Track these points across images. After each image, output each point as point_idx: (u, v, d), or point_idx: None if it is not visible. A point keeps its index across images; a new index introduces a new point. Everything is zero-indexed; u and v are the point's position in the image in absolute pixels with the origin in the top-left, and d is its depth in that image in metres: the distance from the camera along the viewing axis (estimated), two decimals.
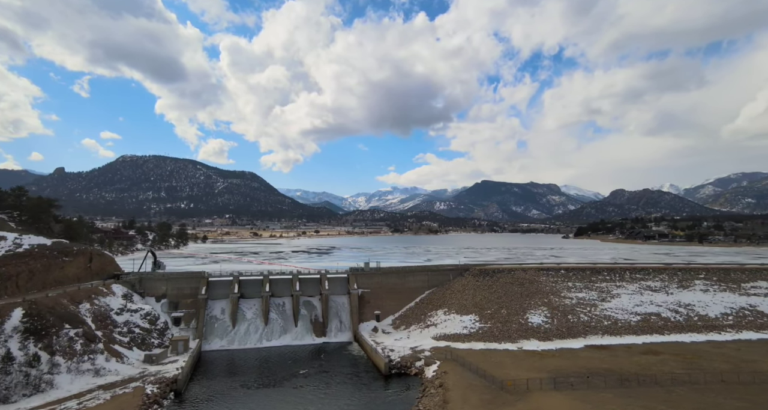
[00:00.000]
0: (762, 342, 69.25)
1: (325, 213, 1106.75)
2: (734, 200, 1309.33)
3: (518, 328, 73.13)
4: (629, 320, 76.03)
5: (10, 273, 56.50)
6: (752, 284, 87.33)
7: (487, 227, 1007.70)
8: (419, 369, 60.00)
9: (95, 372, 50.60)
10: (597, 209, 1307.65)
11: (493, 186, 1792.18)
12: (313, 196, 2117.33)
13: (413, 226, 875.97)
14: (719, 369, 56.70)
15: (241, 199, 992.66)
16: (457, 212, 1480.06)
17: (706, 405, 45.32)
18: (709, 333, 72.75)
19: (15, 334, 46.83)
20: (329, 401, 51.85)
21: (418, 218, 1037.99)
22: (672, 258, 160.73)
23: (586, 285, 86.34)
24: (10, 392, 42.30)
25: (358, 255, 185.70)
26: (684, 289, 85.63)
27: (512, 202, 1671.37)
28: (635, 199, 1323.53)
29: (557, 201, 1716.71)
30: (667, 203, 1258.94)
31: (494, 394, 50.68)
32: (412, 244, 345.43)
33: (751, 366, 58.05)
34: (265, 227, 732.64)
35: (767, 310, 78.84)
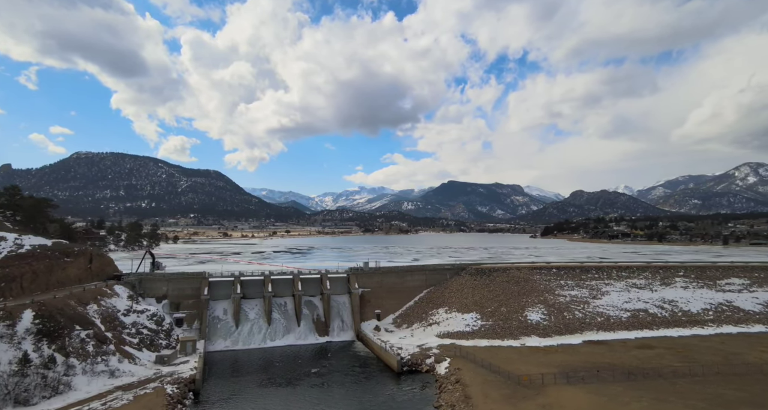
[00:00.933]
0: (742, 335, 74.22)
1: (293, 213, 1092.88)
2: (682, 201, 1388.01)
3: (518, 325, 75.29)
4: (620, 316, 79.67)
5: (14, 275, 55.04)
6: (726, 281, 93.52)
7: (455, 227, 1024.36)
8: (430, 366, 61.27)
9: (110, 373, 50.18)
10: (558, 210, 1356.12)
11: (460, 187, 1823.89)
12: (279, 195, 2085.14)
13: (383, 226, 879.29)
14: (712, 361, 60.39)
15: (206, 198, 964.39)
16: (425, 212, 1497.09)
17: (710, 396, 48.26)
18: (693, 327, 77.25)
19: (28, 336, 45.92)
20: (350, 398, 52.52)
21: (387, 218, 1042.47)
22: (642, 256, 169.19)
23: (578, 283, 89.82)
24: (30, 394, 41.75)
25: (342, 255, 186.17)
26: (666, 286, 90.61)
27: (478, 202, 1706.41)
28: (593, 199, 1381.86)
29: (521, 201, 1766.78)
30: (623, 203, 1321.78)
31: (512, 389, 52.20)
32: (388, 244, 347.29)
33: (738, 358, 62.21)
34: (233, 227, 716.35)
35: (742, 305, 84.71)
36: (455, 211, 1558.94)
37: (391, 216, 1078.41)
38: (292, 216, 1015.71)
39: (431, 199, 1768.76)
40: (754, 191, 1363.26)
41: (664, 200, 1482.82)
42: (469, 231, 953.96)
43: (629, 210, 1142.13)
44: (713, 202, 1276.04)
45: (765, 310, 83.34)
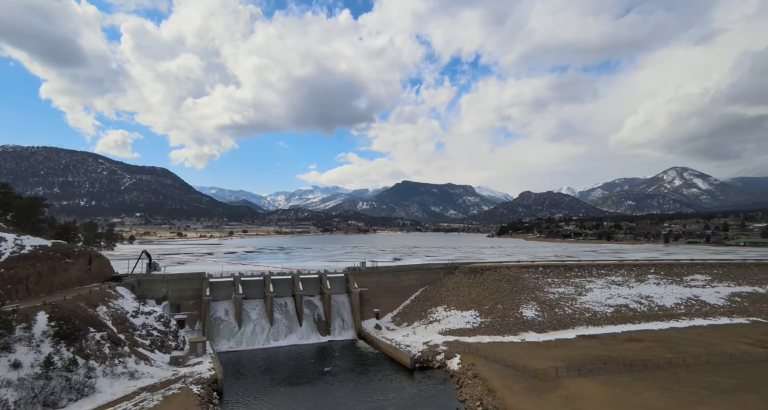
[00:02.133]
0: (712, 327, 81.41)
1: (247, 212, 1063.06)
2: (618, 202, 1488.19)
3: (515, 322, 78.61)
4: (605, 311, 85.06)
5: (19, 276, 53.02)
6: (691, 277, 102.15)
7: (411, 226, 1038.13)
8: (441, 363, 63.28)
9: (130, 375, 49.54)
10: (508, 210, 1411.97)
11: (414, 187, 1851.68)
12: (229, 194, 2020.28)
13: (341, 226, 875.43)
14: (696, 352, 65.96)
15: (152, 196, 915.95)
16: (380, 212, 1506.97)
17: (709, 384, 52.97)
18: (670, 321, 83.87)
19: (46, 338, 44.95)
20: (375, 395, 53.62)
21: (343, 217, 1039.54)
22: (602, 255, 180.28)
23: (563, 281, 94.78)
24: (56, 397, 40.96)
25: (319, 255, 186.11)
26: (641, 283, 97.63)
27: (431, 202, 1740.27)
28: (540, 200, 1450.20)
29: (472, 202, 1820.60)
30: (567, 204, 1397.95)
31: (531, 382, 54.86)
32: (354, 243, 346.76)
33: (717, 348, 68.28)
34: (185, 226, 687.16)
35: (708, 299, 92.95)
36: (409, 211, 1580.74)
37: (347, 216, 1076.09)
38: (245, 216, 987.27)
39: (386, 199, 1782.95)
40: (680, 194, 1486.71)
41: (603, 201, 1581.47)
42: (424, 231, 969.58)
43: (572, 210, 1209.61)
44: (645, 203, 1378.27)
45: (727, 304, 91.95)
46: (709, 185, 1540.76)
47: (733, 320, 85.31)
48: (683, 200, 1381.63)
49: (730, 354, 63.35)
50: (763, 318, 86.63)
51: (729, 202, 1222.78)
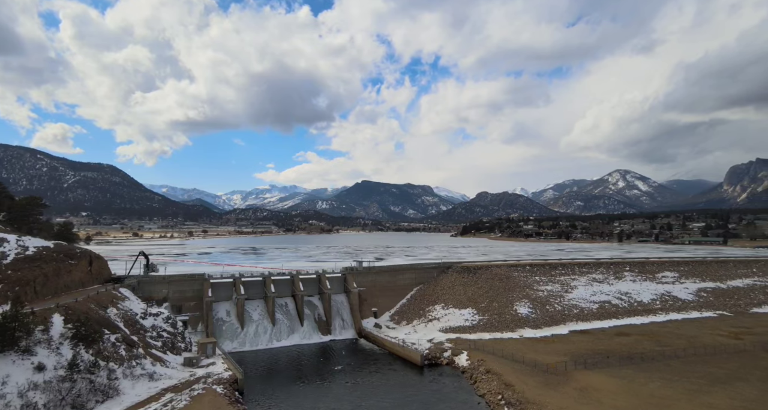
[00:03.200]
0: (687, 321, 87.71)
1: (203, 212, 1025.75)
2: (568, 202, 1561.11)
3: (511, 319, 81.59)
4: (591, 307, 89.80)
5: (27, 278, 51.38)
6: (662, 274, 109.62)
7: (373, 226, 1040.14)
8: (449, 359, 65.29)
9: (149, 376, 49.10)
10: (466, 210, 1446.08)
11: (373, 186, 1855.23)
12: (182, 193, 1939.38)
13: (302, 225, 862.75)
14: (680, 344, 70.99)
15: (99, 195, 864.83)
16: (339, 211, 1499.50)
17: (703, 374, 57.46)
18: (649, 315, 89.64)
19: (65, 341, 44.30)
20: (394, 392, 54.84)
21: (304, 217, 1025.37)
22: (569, 253, 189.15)
23: (550, 279, 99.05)
24: (83, 399, 40.65)
25: (297, 255, 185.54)
26: (619, 280, 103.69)
27: (390, 202, 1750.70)
28: (497, 200, 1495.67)
29: (431, 202, 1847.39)
30: (521, 204, 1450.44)
31: (543, 376, 57.54)
32: (322, 243, 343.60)
33: (697, 340, 73.75)
34: (137, 226, 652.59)
35: (679, 295, 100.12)
36: (369, 211, 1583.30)
37: (308, 216, 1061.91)
38: (201, 215, 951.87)
39: (345, 198, 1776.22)
40: (623, 195, 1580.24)
41: (554, 201, 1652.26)
42: (386, 230, 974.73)
43: (526, 210, 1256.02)
44: (592, 204, 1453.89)
45: (695, 299, 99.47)
46: (649, 187, 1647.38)
47: (702, 313, 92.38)
48: (626, 201, 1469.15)
49: (713, 346, 68.67)
50: (728, 312, 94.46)
51: (666, 203, 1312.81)
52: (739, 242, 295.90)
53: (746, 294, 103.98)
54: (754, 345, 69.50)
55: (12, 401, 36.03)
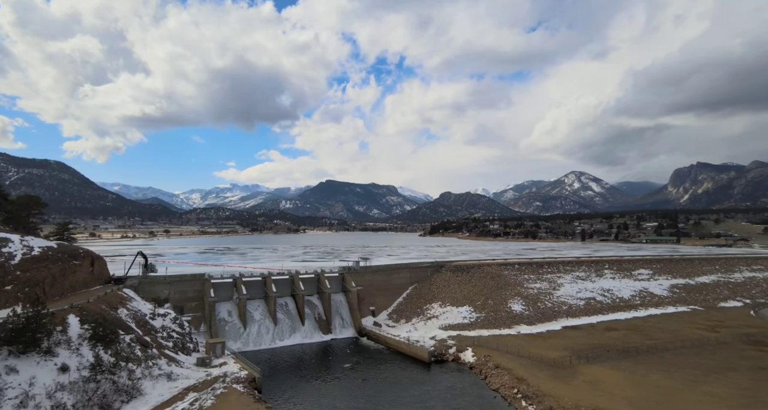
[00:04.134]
0: (665, 315, 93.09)
1: (161, 211, 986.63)
2: (528, 203, 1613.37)
3: (507, 316, 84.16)
4: (578, 304, 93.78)
5: (36, 279, 50.15)
6: (638, 272, 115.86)
7: (340, 226, 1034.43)
8: (454, 356, 67.22)
9: (167, 376, 48.81)
10: (431, 210, 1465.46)
11: (338, 186, 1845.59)
12: (136, 191, 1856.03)
13: (268, 225, 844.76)
14: (666, 338, 75.43)
15: (46, 193, 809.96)
16: (304, 211, 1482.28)
17: (695, 366, 61.42)
18: (631, 311, 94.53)
19: (83, 341, 43.83)
20: (411, 389, 56.13)
21: (268, 217, 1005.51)
22: (541, 253, 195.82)
23: (538, 277, 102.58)
24: (108, 399, 40.60)
25: (278, 255, 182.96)
26: (600, 277, 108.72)
27: (355, 202, 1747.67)
28: (460, 200, 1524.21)
29: (395, 201, 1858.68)
30: (484, 204, 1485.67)
31: (551, 370, 60.11)
32: (295, 243, 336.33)
33: (680, 334, 78.54)
34: (92, 226, 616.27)
35: (655, 291, 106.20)
36: (334, 210, 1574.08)
37: (272, 215, 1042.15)
38: (159, 215, 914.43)
39: (309, 198, 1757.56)
40: (578, 195, 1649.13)
41: (514, 201, 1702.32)
42: (352, 230, 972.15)
43: (489, 210, 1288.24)
44: (550, 204, 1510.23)
45: (669, 294, 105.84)
46: (601, 188, 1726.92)
47: (678, 308, 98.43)
48: (581, 201, 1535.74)
49: (696, 339, 73.43)
50: (699, 306, 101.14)
51: (617, 203, 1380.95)
52: (690, 241, 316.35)
53: (713, 290, 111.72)
54: (732, 337, 74.81)
55: (42, 402, 35.83)
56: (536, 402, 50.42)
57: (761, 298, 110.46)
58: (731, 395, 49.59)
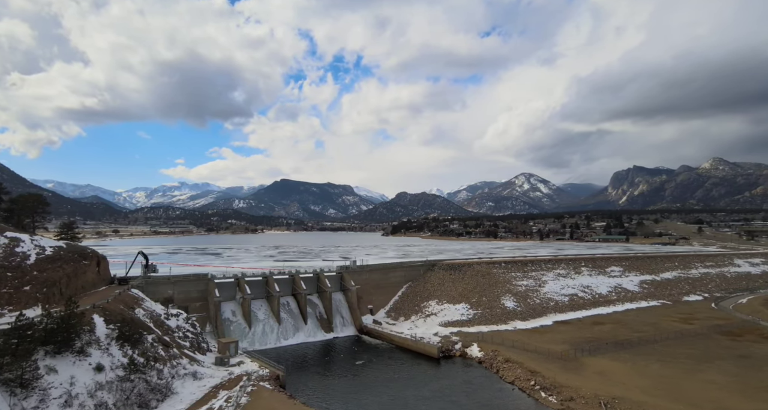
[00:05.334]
0: (641, 309, 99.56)
1: (104, 210, 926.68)
2: (481, 203, 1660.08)
3: (501, 312, 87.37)
4: (563, 300, 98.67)
5: (53, 279, 49.12)
6: (610, 269, 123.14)
7: (298, 225, 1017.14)
8: (461, 351, 69.70)
9: (192, 375, 49.00)
10: (387, 209, 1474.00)
11: (293, 185, 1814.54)
12: (72, 189, 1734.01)
13: (222, 224, 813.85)
14: (650, 330, 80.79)
15: None
16: (258, 211, 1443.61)
17: (685, 355, 66.25)
18: (610, 306, 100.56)
19: (111, 341, 43.93)
20: (430, 383, 57.95)
21: (222, 216, 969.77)
22: (510, 251, 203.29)
23: (524, 275, 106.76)
24: (143, 398, 41.06)
25: (253, 255, 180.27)
26: (578, 275, 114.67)
27: (311, 201, 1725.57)
28: (416, 200, 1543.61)
29: (351, 201, 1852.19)
30: (439, 204, 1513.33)
31: (559, 362, 63.57)
32: (261, 243, 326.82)
33: (660, 326, 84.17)
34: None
35: (628, 287, 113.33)
36: (290, 210, 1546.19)
37: (226, 215, 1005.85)
38: (103, 214, 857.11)
39: (264, 197, 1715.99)
40: (528, 196, 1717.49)
41: (468, 202, 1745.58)
42: (311, 230, 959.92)
43: (444, 210, 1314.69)
44: (502, 204, 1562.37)
45: (640, 290, 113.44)
46: (549, 190, 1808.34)
47: (649, 303, 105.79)
48: (530, 201, 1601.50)
49: (677, 331, 79.21)
50: (667, 300, 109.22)
51: (563, 204, 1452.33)
52: (638, 240, 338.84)
53: (676, 285, 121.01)
54: (706, 329, 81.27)
55: (85, 401, 36.58)
56: (555, 393, 53.04)
57: (717, 292, 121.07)
58: (727, 382, 54.25)
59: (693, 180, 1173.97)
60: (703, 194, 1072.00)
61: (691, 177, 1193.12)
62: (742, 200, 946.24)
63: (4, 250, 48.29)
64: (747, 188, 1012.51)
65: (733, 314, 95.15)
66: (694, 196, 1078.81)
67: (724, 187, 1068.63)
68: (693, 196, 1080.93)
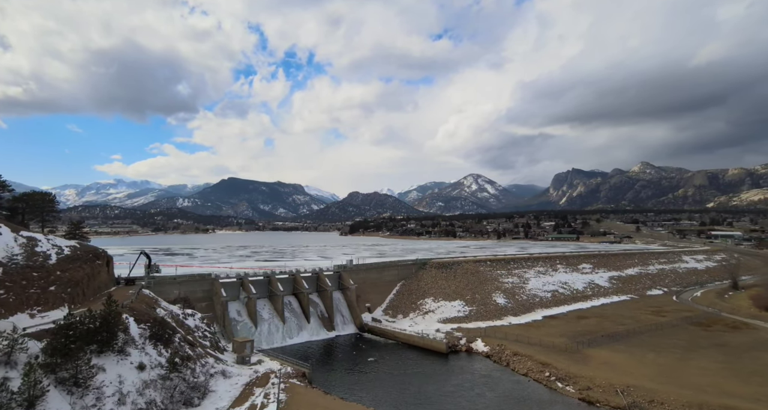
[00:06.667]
0: (615, 304, 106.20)
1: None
2: (431, 203, 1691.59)
3: (495, 308, 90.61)
4: (546, 296, 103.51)
5: (76, 278, 47.85)
6: (582, 266, 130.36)
7: (249, 225, 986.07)
8: (467, 346, 72.10)
9: (222, 374, 49.23)
10: (340, 209, 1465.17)
11: (242, 184, 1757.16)
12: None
13: (169, 224, 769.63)
14: (632, 322, 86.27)
15: None
16: (204, 210, 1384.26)
17: (672, 345, 71.22)
18: (587, 301, 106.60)
19: (145, 341, 43.93)
20: (448, 378, 59.94)
21: (167, 215, 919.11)
22: (476, 250, 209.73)
23: (509, 273, 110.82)
24: (186, 396, 41.48)
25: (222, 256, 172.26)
26: (556, 272, 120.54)
27: (260, 200, 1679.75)
28: (368, 200, 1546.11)
29: (302, 201, 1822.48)
30: (391, 204, 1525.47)
31: (564, 355, 67.16)
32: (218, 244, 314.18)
33: (638, 318, 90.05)
34: None
35: (600, 283, 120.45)
36: (239, 209, 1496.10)
37: (171, 214, 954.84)
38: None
39: (210, 196, 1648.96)
40: (476, 197, 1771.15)
41: (418, 201, 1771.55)
42: (264, 230, 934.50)
43: (396, 210, 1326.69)
44: (451, 204, 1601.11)
45: (611, 285, 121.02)
46: (495, 190, 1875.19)
47: (620, 297, 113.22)
48: (478, 202, 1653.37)
49: (655, 324, 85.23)
50: (635, 295, 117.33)
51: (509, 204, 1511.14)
52: (587, 239, 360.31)
53: (639, 280, 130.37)
54: (678, 320, 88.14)
55: (136, 399, 37.16)
56: (572, 383, 56.03)
57: (674, 286, 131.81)
58: (718, 368, 59.48)
59: (624, 182, 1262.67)
60: (633, 196, 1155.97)
61: (622, 180, 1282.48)
62: (666, 201, 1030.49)
63: (25, 250, 46.16)
64: (670, 190, 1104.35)
65: (696, 306, 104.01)
66: (625, 197, 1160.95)
67: (651, 189, 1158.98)
68: (624, 197, 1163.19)
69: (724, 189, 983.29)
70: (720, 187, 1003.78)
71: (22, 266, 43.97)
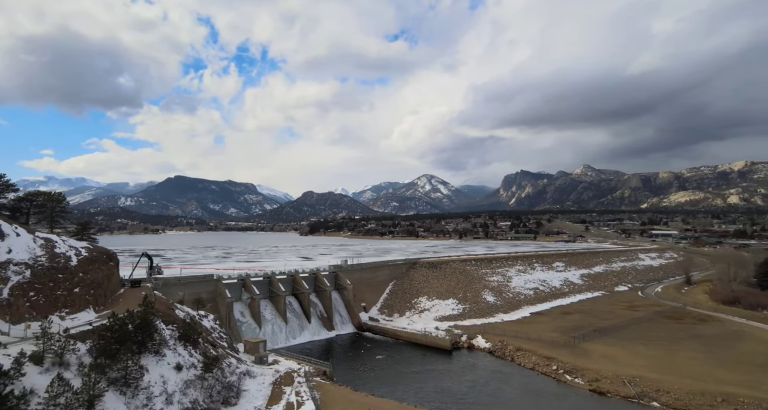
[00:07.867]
0: (591, 299, 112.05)
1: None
2: (386, 203, 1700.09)
3: (486, 306, 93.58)
4: (529, 294, 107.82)
5: (97, 280, 47.61)
6: (555, 264, 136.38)
7: (202, 225, 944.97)
8: (468, 343, 74.33)
9: (247, 373, 49.77)
10: (294, 209, 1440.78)
11: (190, 182, 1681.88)
12: None
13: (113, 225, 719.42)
14: (612, 317, 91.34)
15: None
16: (149, 209, 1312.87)
17: (657, 338, 75.78)
18: (566, 297, 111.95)
19: (176, 342, 44.04)
20: (459, 374, 61.81)
21: (108, 215, 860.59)
22: (445, 250, 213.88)
23: (493, 271, 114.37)
24: (223, 395, 42.26)
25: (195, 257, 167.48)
26: (533, 270, 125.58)
27: (210, 200, 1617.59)
28: (323, 200, 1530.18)
29: (254, 200, 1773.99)
30: (346, 204, 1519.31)
31: (564, 349, 70.68)
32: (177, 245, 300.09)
33: (616, 313, 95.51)
34: None
35: (573, 280, 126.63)
36: (187, 209, 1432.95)
37: (113, 214, 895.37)
38: None
39: (155, 194, 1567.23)
40: (429, 197, 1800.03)
41: (373, 201, 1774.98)
42: (216, 230, 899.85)
43: (350, 210, 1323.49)
44: (406, 204, 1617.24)
45: (583, 282, 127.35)
46: (448, 191, 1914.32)
47: (593, 293, 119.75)
48: (431, 202, 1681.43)
49: (634, 318, 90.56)
50: (605, 291, 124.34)
51: (461, 205, 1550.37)
52: (543, 238, 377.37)
53: (606, 277, 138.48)
54: (652, 314, 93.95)
55: (181, 399, 37.94)
56: (580, 376, 59.12)
57: (636, 283, 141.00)
58: (705, 358, 64.46)
59: (568, 184, 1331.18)
60: (577, 197, 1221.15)
61: (567, 181, 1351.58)
62: (606, 202, 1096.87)
63: (47, 251, 44.43)
64: (609, 191, 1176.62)
65: (661, 301, 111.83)
66: (569, 198, 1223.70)
67: (593, 190, 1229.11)
68: (569, 198, 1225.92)
69: (656, 191, 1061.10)
70: (652, 189, 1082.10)
71: (47, 267, 42.62)
